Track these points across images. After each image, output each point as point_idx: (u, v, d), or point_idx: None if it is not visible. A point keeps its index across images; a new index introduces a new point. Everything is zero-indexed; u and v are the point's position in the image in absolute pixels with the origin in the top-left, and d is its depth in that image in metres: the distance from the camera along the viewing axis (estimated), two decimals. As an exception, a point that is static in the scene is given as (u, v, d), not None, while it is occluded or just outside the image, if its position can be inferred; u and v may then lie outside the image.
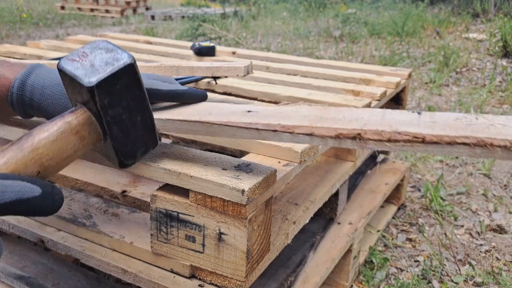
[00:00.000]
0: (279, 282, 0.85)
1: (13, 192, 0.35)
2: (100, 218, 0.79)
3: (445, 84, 3.16)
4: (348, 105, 0.98)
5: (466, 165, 1.90)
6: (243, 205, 0.59)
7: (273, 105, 0.67)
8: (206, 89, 1.13)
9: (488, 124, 0.52)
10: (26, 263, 0.86)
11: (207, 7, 7.96)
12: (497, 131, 0.50)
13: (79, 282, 0.82)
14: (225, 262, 0.63)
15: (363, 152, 1.10)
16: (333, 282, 1.09)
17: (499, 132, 0.49)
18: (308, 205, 0.83)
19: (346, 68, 1.41)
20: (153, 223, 0.67)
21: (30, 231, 0.80)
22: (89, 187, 0.93)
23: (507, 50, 3.63)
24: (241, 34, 5.04)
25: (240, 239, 0.61)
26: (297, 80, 1.21)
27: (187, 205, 0.63)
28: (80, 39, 1.75)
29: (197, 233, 0.64)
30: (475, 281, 1.19)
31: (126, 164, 0.53)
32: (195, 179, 0.61)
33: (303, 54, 4.05)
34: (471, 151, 0.49)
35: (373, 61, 3.71)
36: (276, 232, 0.73)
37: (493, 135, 0.49)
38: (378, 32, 4.77)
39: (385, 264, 1.23)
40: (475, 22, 5.27)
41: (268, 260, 0.70)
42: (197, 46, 1.48)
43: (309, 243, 0.98)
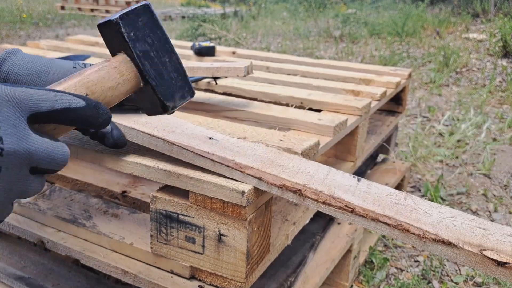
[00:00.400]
0: (279, 282, 0.85)
1: (63, 101, 0.41)
2: (100, 219, 0.79)
3: (445, 84, 3.16)
4: (348, 105, 0.98)
5: (466, 165, 1.90)
6: (243, 206, 0.59)
7: (236, 136, 0.70)
8: (206, 89, 1.13)
9: (412, 208, 0.55)
10: (26, 264, 0.86)
11: (207, 7, 7.96)
12: (417, 217, 0.53)
13: (79, 283, 0.82)
14: (225, 263, 0.63)
15: (363, 152, 1.10)
16: (333, 282, 1.09)
17: (418, 219, 0.53)
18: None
19: (346, 68, 1.41)
20: (153, 224, 0.67)
21: (30, 231, 0.80)
22: (89, 187, 0.93)
23: (507, 50, 3.63)
24: (241, 34, 5.04)
25: (240, 240, 0.61)
26: (297, 80, 1.21)
27: (187, 206, 0.63)
28: (80, 39, 1.75)
29: (197, 234, 0.64)
30: (475, 281, 1.19)
31: (167, 106, 0.54)
32: (195, 181, 0.61)
33: (303, 54, 4.05)
34: (390, 232, 0.52)
35: (373, 61, 3.71)
36: (276, 233, 0.73)
37: (412, 221, 0.52)
38: (378, 32, 4.76)
39: (385, 264, 1.23)
40: (475, 22, 5.27)
41: (268, 261, 0.70)
42: (197, 46, 1.48)
43: (309, 244, 0.98)
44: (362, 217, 0.54)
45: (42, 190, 0.88)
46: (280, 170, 0.60)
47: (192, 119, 0.84)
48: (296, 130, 0.89)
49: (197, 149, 0.62)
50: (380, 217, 0.53)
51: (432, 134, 2.24)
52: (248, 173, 0.59)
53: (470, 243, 0.49)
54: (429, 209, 0.55)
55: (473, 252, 0.48)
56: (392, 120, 1.38)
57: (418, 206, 0.56)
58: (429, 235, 0.50)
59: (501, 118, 2.48)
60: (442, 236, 0.50)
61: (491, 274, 0.48)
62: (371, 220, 0.53)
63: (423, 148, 2.04)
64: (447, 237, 0.50)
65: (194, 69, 1.00)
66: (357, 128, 1.00)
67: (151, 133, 0.65)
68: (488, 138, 2.19)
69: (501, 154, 2.01)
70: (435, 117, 2.51)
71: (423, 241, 0.50)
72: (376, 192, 0.58)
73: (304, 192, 0.56)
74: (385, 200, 0.56)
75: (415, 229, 0.51)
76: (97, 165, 0.98)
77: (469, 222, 0.53)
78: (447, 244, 0.49)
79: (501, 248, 0.48)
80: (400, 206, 0.55)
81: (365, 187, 0.59)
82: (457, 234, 0.51)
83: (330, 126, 0.86)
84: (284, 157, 0.64)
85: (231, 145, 0.65)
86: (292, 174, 0.60)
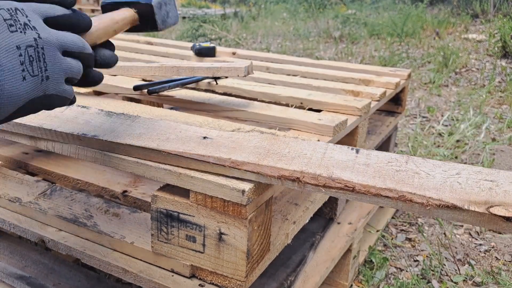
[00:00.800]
0: (279, 281, 0.85)
1: (58, 10, 0.50)
2: (101, 218, 0.79)
3: (444, 85, 3.16)
4: (348, 106, 0.98)
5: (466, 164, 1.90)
6: (244, 205, 0.59)
7: (229, 129, 0.71)
8: (207, 90, 1.14)
9: (414, 172, 0.53)
10: (27, 263, 0.86)
11: (208, 8, 7.96)
12: (419, 183, 0.51)
13: (79, 282, 0.82)
14: (225, 262, 0.64)
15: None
16: (333, 282, 1.10)
17: (421, 184, 0.51)
18: (308, 205, 0.83)
19: (345, 69, 1.42)
20: (154, 223, 0.67)
21: (31, 231, 0.80)
22: (90, 187, 0.93)
23: (506, 51, 3.63)
24: (241, 35, 5.05)
25: (240, 239, 0.61)
26: (297, 80, 1.21)
27: (187, 205, 0.63)
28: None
29: (197, 233, 0.64)
30: (474, 280, 1.20)
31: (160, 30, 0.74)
32: (196, 179, 0.61)
33: (303, 54, 4.05)
34: (394, 204, 0.51)
35: (372, 61, 3.72)
36: (276, 232, 0.73)
37: (415, 188, 0.51)
38: (377, 32, 4.77)
39: (384, 264, 1.24)
40: (474, 23, 5.28)
41: (268, 260, 0.70)
42: (198, 46, 1.48)
43: (309, 243, 0.99)
44: (363, 194, 0.52)
45: (43, 190, 0.88)
46: (277, 158, 0.60)
47: (192, 119, 0.84)
48: (296, 130, 0.90)
49: (193, 154, 0.63)
50: (381, 191, 0.51)
51: (432, 134, 2.25)
52: (245, 169, 0.59)
53: (476, 201, 0.47)
54: (432, 169, 0.53)
55: (479, 212, 0.46)
56: (392, 120, 1.38)
57: (420, 168, 0.53)
58: (433, 202, 0.48)
59: (500, 118, 2.49)
60: (446, 200, 0.48)
61: (502, 231, 0.45)
62: (373, 196, 0.52)
63: (422, 148, 2.04)
64: (451, 200, 0.48)
65: (194, 69, 1.00)
66: (356, 128, 1.00)
67: (146, 146, 0.65)
68: (487, 138, 2.19)
69: (501, 154, 2.02)
70: (434, 117, 2.51)
71: (427, 209, 0.49)
72: (375, 162, 0.56)
73: (303, 179, 0.56)
74: (386, 170, 0.54)
75: (418, 197, 0.49)
76: (97, 164, 0.98)
77: (475, 175, 0.51)
78: (452, 208, 0.47)
79: (510, 201, 0.46)
80: (401, 174, 0.53)
81: (364, 159, 0.57)
82: (462, 193, 0.48)
83: (330, 126, 0.87)
84: (280, 143, 0.64)
85: (226, 141, 0.65)
86: (289, 161, 0.59)
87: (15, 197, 0.85)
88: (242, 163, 0.60)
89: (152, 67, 1.06)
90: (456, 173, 0.52)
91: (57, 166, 0.99)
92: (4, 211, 0.85)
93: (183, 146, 0.65)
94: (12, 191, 0.87)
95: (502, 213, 0.45)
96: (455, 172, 0.52)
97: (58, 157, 1.03)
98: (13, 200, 0.84)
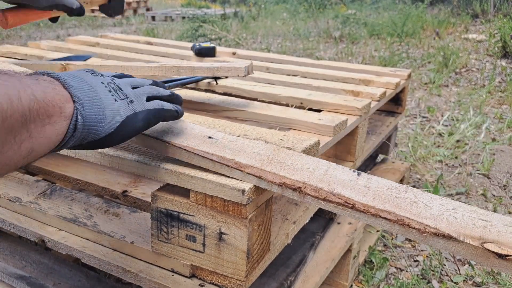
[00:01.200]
0: (279, 281, 0.85)
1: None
2: (101, 218, 0.79)
3: (444, 85, 3.16)
4: (348, 106, 0.99)
5: (465, 165, 1.90)
6: (244, 205, 0.59)
7: (235, 133, 0.71)
8: (207, 90, 1.14)
9: (413, 201, 0.55)
10: (27, 263, 0.86)
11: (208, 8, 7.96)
12: (417, 211, 0.53)
13: (80, 282, 0.82)
14: (225, 262, 0.64)
15: (363, 152, 1.10)
16: (333, 282, 1.10)
17: (419, 212, 0.53)
18: (308, 205, 0.83)
19: (345, 69, 1.42)
20: (154, 223, 0.67)
21: (31, 231, 0.80)
22: (90, 187, 0.93)
23: (507, 51, 3.63)
24: (241, 35, 5.05)
25: (240, 239, 0.61)
26: (297, 80, 1.21)
27: (187, 205, 0.63)
28: (80, 39, 1.75)
29: (197, 232, 0.64)
30: (474, 281, 1.20)
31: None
32: (196, 179, 0.61)
33: (303, 54, 4.05)
34: (390, 227, 0.53)
35: (372, 61, 3.72)
36: (276, 232, 0.73)
37: (413, 215, 0.52)
38: (377, 32, 4.77)
39: (384, 264, 1.24)
40: (474, 23, 5.28)
41: (268, 260, 0.70)
42: (198, 46, 1.48)
43: (309, 243, 0.99)
44: (362, 213, 0.54)
45: (43, 190, 0.88)
46: (280, 167, 0.61)
47: (192, 119, 0.84)
48: (296, 130, 0.90)
49: (197, 150, 0.63)
50: (380, 213, 0.53)
51: (432, 134, 2.25)
52: (248, 172, 0.59)
53: (471, 236, 0.49)
54: (430, 201, 0.55)
55: (474, 245, 0.48)
56: (392, 120, 1.38)
57: (418, 199, 0.55)
58: (430, 229, 0.50)
59: (501, 118, 2.49)
60: (443, 229, 0.50)
61: (492, 267, 0.48)
62: (372, 216, 0.53)
63: (422, 148, 2.04)
64: (447, 231, 0.50)
65: (194, 69, 1.00)
66: (356, 128, 1.00)
67: (149, 135, 0.65)
68: (487, 138, 2.19)
69: (501, 154, 2.02)
70: (434, 118, 2.51)
71: (423, 235, 0.50)
72: (376, 186, 0.58)
73: (304, 189, 0.57)
74: (385, 194, 0.56)
75: (415, 223, 0.51)
76: (97, 164, 0.98)
77: (470, 213, 0.53)
78: (448, 238, 0.49)
79: (503, 240, 0.48)
80: (400, 200, 0.55)
81: (365, 182, 0.59)
82: (458, 227, 0.50)
83: (330, 126, 0.87)
84: (283, 154, 0.64)
85: (230, 144, 0.65)
86: (292, 171, 0.60)
87: (15, 197, 0.85)
88: (245, 166, 0.60)
89: (152, 67, 1.06)
90: (452, 208, 0.54)
91: (57, 166, 0.99)
92: (4, 211, 0.85)
93: (187, 141, 0.64)
94: (12, 191, 0.87)
95: (495, 249, 0.47)
96: (451, 207, 0.54)
97: (58, 157, 1.03)
98: (13, 200, 0.85)
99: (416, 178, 1.78)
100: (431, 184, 1.70)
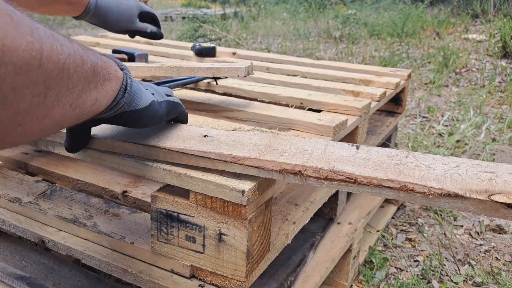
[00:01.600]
0: (279, 281, 0.85)
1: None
2: (100, 218, 0.79)
3: (444, 85, 3.16)
4: (348, 106, 0.98)
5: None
6: (243, 205, 0.59)
7: (230, 128, 0.71)
8: (207, 90, 1.14)
9: (415, 165, 0.54)
10: (27, 263, 0.86)
11: (207, 8, 7.97)
12: (420, 174, 0.52)
13: (80, 282, 0.82)
14: (225, 263, 0.64)
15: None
16: (333, 282, 1.10)
17: (422, 176, 0.52)
18: (308, 206, 0.83)
19: (346, 69, 1.42)
20: (154, 224, 0.67)
21: (31, 231, 0.80)
22: (90, 187, 0.93)
23: (507, 51, 3.63)
24: (241, 35, 5.05)
25: (240, 240, 0.61)
26: (297, 80, 1.21)
27: (187, 206, 0.63)
28: (81, 39, 1.75)
29: (197, 233, 0.64)
30: (474, 281, 1.20)
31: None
32: (195, 180, 0.61)
33: (303, 54, 4.05)
34: (395, 195, 0.52)
35: (372, 61, 3.72)
36: (276, 233, 0.73)
37: (416, 179, 0.51)
38: (378, 33, 4.77)
39: (384, 264, 1.24)
40: (474, 23, 5.28)
41: (268, 260, 0.70)
42: (198, 46, 1.48)
43: (309, 243, 0.99)
44: (365, 185, 0.53)
45: (43, 190, 0.88)
46: (278, 154, 0.60)
47: (192, 119, 0.84)
48: (296, 130, 0.90)
49: (194, 150, 0.62)
50: (383, 182, 0.52)
51: (432, 135, 2.25)
52: (246, 164, 0.59)
53: (477, 190, 0.48)
54: (432, 163, 0.54)
55: (481, 200, 0.47)
56: (392, 120, 1.38)
57: (420, 162, 0.55)
58: (435, 191, 0.49)
59: (501, 119, 2.49)
60: (448, 189, 0.49)
61: (503, 218, 0.47)
62: (375, 187, 0.52)
63: (422, 148, 2.04)
64: (453, 189, 0.49)
65: (195, 69, 1.00)
66: (356, 129, 1.00)
67: (146, 144, 0.65)
68: (487, 139, 2.19)
69: (501, 154, 2.02)
70: (434, 118, 2.52)
71: (429, 198, 0.49)
72: (376, 157, 0.57)
73: (305, 172, 0.56)
74: (387, 163, 0.55)
75: (420, 187, 0.50)
76: (97, 165, 0.98)
77: (474, 167, 0.52)
78: (454, 197, 0.48)
79: (510, 189, 0.47)
80: (402, 167, 0.54)
81: (364, 154, 0.58)
82: (463, 183, 0.49)
83: (330, 126, 0.87)
84: (280, 140, 0.64)
85: (226, 139, 0.65)
86: (291, 156, 0.59)
87: (15, 197, 0.85)
88: (243, 158, 0.60)
89: (152, 67, 1.06)
90: (456, 165, 0.53)
91: (57, 166, 0.99)
92: (4, 211, 0.85)
93: (184, 143, 0.65)
94: (12, 191, 0.87)
95: (503, 200, 0.46)
96: (454, 165, 0.53)
97: (58, 158, 1.03)
98: (13, 200, 0.84)
99: (416, 178, 1.78)
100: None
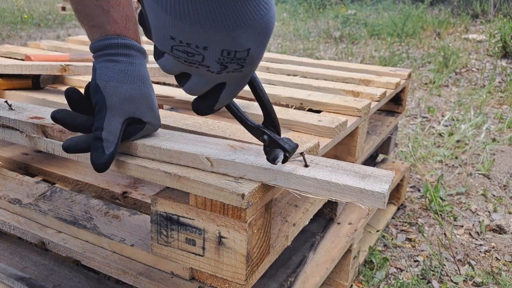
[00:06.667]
0: (279, 282, 0.85)
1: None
2: (100, 220, 0.79)
3: (444, 85, 3.16)
4: (348, 106, 0.98)
5: (465, 165, 1.90)
6: (243, 209, 0.59)
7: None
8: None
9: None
10: (27, 264, 0.86)
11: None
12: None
13: (79, 283, 0.82)
14: (225, 265, 0.64)
15: (363, 152, 1.10)
16: (333, 282, 1.10)
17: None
18: (308, 207, 0.83)
19: (346, 69, 1.42)
20: (154, 226, 0.67)
21: (31, 232, 0.80)
22: (89, 188, 0.93)
23: (507, 51, 3.63)
24: (241, 35, 5.03)
25: (240, 243, 0.61)
26: (297, 80, 1.21)
27: (187, 209, 0.63)
28: (81, 39, 1.75)
29: (197, 236, 0.64)
30: (474, 281, 1.20)
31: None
32: (195, 183, 0.61)
33: (303, 54, 4.05)
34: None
35: (373, 61, 3.72)
36: (276, 234, 0.73)
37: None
38: (378, 33, 4.77)
39: (384, 264, 1.24)
40: (474, 23, 5.28)
41: (268, 263, 0.70)
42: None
43: (309, 243, 0.99)
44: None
45: (43, 191, 0.88)
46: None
47: (192, 120, 0.84)
48: (296, 132, 0.89)
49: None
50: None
51: (432, 135, 2.25)
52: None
53: None
54: None
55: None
56: (392, 120, 1.38)
57: None
58: None
59: (501, 119, 2.49)
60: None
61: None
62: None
63: (422, 148, 2.04)
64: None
65: (194, 70, 1.00)
66: (357, 129, 1.00)
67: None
68: (487, 139, 2.19)
69: (501, 155, 2.02)
70: (434, 118, 2.51)
71: None
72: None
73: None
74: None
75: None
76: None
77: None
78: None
79: None
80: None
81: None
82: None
83: (330, 127, 0.86)
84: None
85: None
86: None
87: (15, 199, 0.85)
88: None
89: (152, 68, 1.06)
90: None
91: (57, 167, 0.99)
92: (4, 212, 0.85)
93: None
94: (12, 193, 0.87)
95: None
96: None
97: (58, 158, 1.03)
98: (13, 201, 0.84)
99: (416, 178, 1.78)
100: (431, 184, 1.70)
